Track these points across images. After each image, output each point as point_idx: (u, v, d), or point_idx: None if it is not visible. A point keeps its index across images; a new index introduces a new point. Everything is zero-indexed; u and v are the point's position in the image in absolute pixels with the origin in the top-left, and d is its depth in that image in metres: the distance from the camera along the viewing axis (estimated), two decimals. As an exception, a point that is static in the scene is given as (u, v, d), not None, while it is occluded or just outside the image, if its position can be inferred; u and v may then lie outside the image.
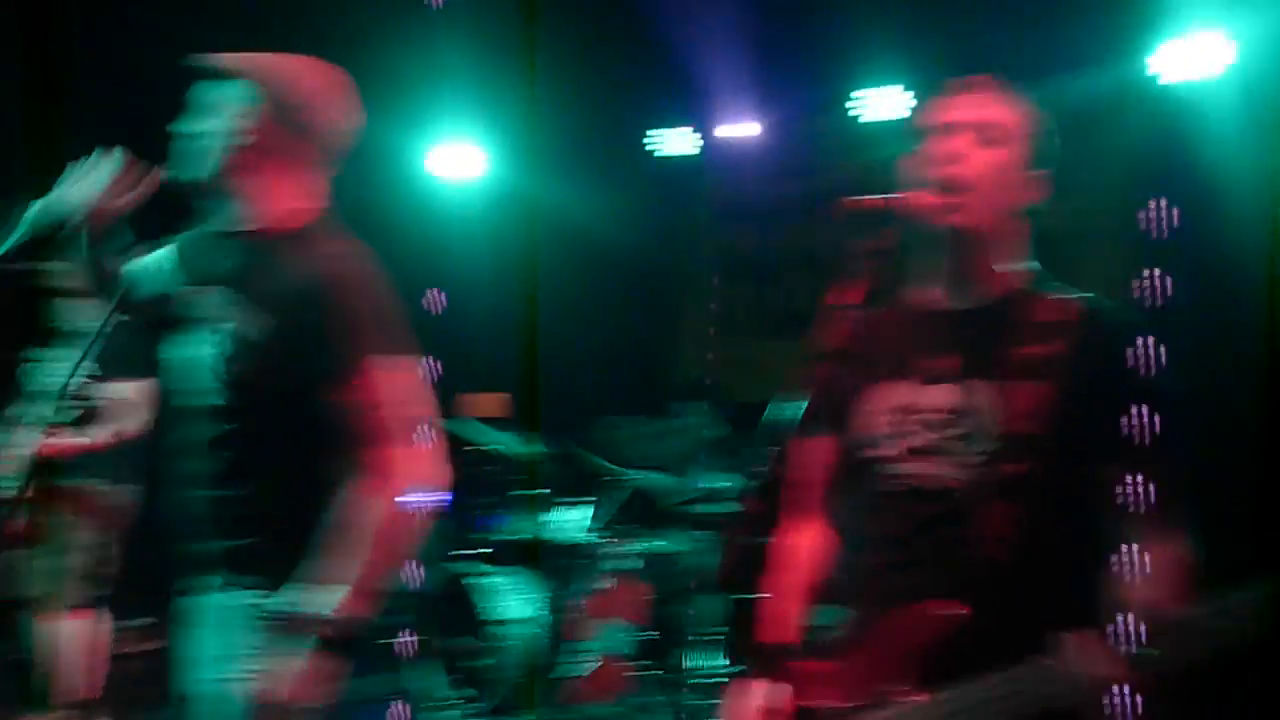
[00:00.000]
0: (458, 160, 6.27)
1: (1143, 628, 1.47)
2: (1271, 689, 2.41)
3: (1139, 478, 1.61)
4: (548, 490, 5.12)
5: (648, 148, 6.18)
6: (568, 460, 5.30)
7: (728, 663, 4.50)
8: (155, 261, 2.19)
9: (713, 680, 4.44)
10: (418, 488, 2.00)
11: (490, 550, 5.20)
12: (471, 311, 6.09)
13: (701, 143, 6.09)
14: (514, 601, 4.84)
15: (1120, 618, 1.50)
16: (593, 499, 5.15)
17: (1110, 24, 4.61)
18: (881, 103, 5.16)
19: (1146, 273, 4.19)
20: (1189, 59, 4.56)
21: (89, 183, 2.03)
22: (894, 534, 1.73)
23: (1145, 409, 1.62)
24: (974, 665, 1.55)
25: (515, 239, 6.14)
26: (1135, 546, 1.60)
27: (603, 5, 5.55)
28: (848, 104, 5.22)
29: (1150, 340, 1.69)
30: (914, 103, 5.11)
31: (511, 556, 5.19)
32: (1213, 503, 1.72)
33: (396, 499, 1.95)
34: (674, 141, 6.17)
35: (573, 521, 5.05)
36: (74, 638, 3.42)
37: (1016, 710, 1.51)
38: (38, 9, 4.17)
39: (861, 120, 5.20)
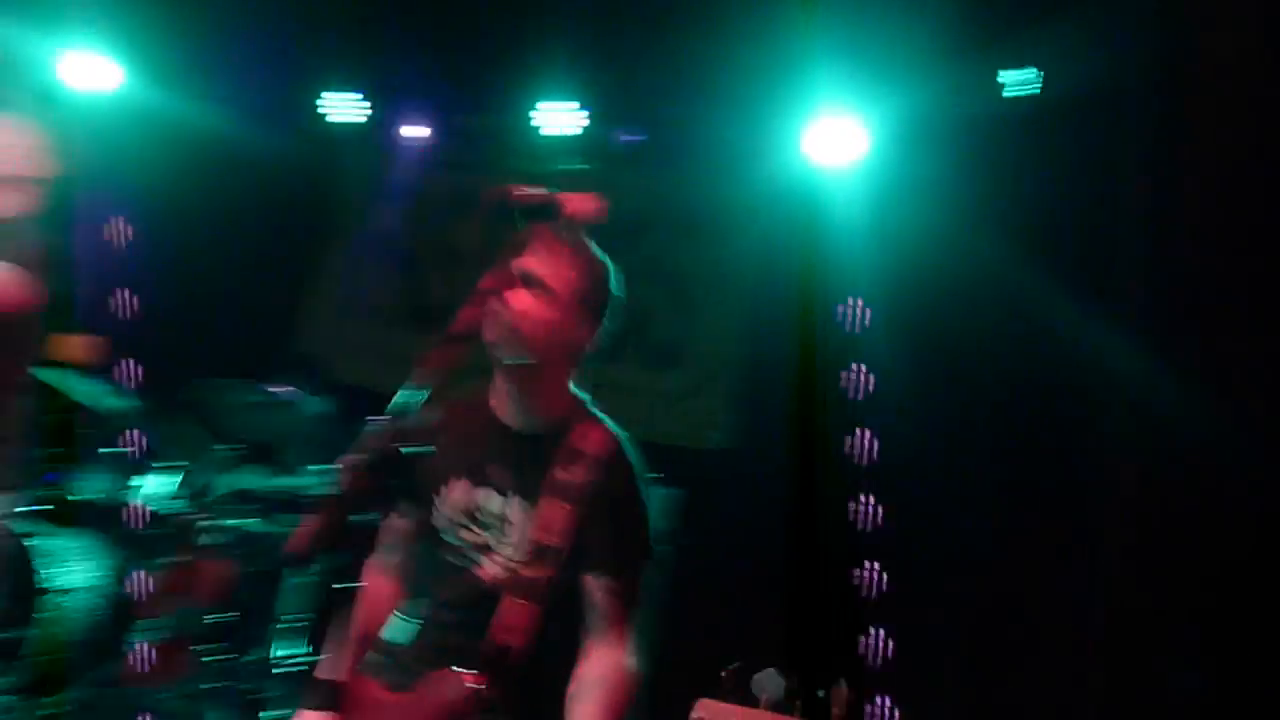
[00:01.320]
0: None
1: None
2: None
3: (617, 582, 2.01)
4: (134, 450, 4.72)
5: (320, 110, 5.91)
6: (163, 419, 4.93)
7: (308, 650, 4.37)
8: None
9: (288, 668, 4.29)
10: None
11: (57, 509, 4.69)
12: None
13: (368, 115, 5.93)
14: (76, 568, 4.39)
15: None
16: (183, 465, 4.81)
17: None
18: (560, 118, 5.30)
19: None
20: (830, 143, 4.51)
21: None
22: (437, 611, 2.09)
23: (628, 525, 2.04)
24: None
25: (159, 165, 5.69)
26: (591, 651, 2.01)
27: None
28: (529, 114, 5.30)
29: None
30: (587, 121, 5.30)
31: (84, 519, 4.72)
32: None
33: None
34: (347, 110, 5.95)
35: (159, 488, 4.69)
36: None
37: None
38: None
39: (541, 132, 5.31)
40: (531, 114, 5.32)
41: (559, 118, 5.33)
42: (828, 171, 4.62)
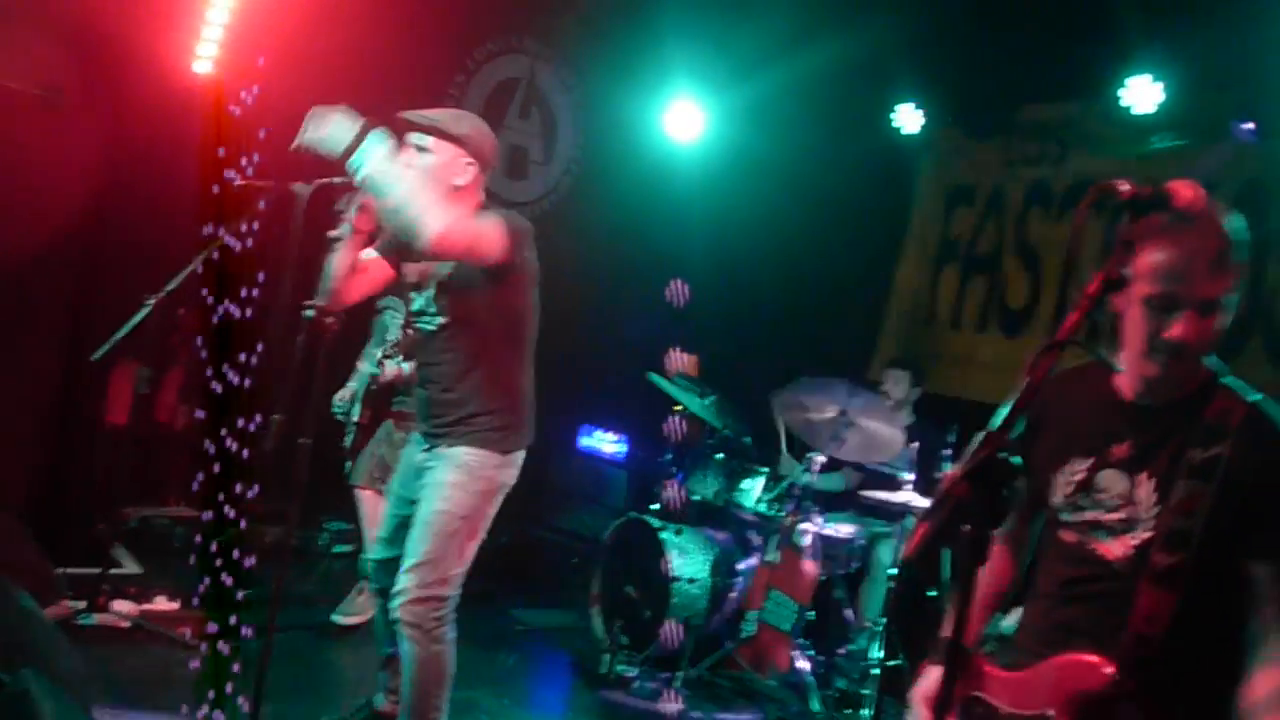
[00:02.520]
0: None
1: None
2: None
3: None
4: (739, 457, 5.16)
5: (894, 123, 6.03)
6: (762, 429, 5.33)
7: (885, 654, 4.44)
8: None
9: (869, 669, 4.39)
10: None
11: (681, 507, 5.31)
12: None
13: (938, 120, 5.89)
14: (698, 559, 4.92)
15: None
16: (781, 471, 5.16)
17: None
18: (1145, 94, 4.89)
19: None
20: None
21: None
22: (1058, 589, 2.00)
23: None
24: None
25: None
26: (1269, 652, 1.75)
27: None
28: (1117, 93, 4.96)
29: None
30: (1163, 96, 4.84)
31: (693, 517, 5.29)
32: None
33: None
34: (917, 120, 5.99)
35: (761, 491, 5.07)
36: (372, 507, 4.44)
37: None
38: None
39: (1132, 111, 4.95)
40: (1120, 92, 4.93)
41: (1145, 92, 4.87)
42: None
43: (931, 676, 2.06)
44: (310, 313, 2.82)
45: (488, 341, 3.06)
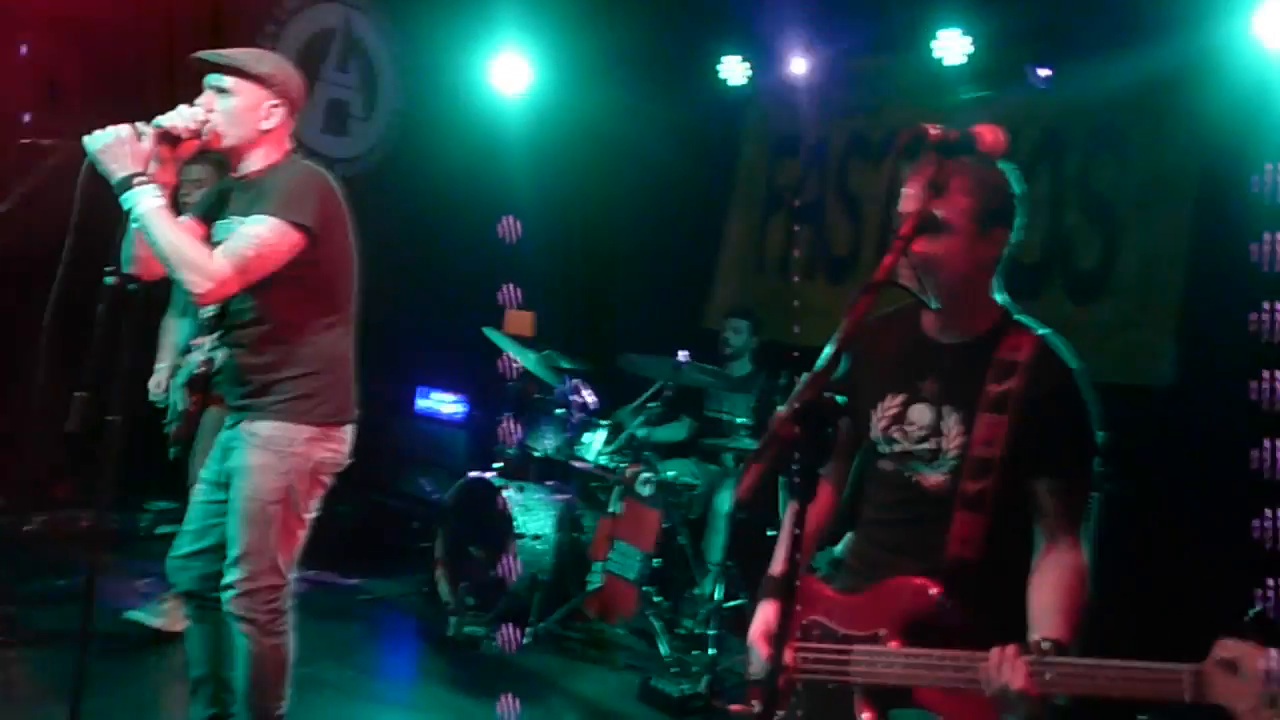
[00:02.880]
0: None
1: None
2: None
3: (1067, 484, 1.96)
4: (576, 411, 5.18)
5: (720, 74, 6.08)
6: (599, 382, 5.36)
7: (726, 595, 4.58)
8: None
9: (717, 610, 4.53)
10: None
11: (522, 465, 5.29)
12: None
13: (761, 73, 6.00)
14: (541, 516, 4.93)
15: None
16: (619, 422, 5.21)
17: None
18: (954, 46, 5.12)
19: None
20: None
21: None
22: (879, 513, 2.15)
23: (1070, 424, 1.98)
24: (940, 637, 1.91)
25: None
26: (1046, 556, 1.95)
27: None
28: (929, 46, 5.15)
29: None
30: (972, 48, 5.06)
31: (536, 472, 5.29)
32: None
33: None
34: (740, 71, 6.07)
35: (600, 444, 5.11)
36: None
37: (943, 682, 1.87)
38: None
39: (944, 62, 5.15)
40: (932, 44, 5.13)
41: (954, 45, 5.10)
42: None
43: (766, 613, 2.15)
44: (110, 279, 2.62)
45: (295, 304, 2.87)
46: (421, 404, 6.67)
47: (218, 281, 2.68)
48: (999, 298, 2.09)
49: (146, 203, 2.64)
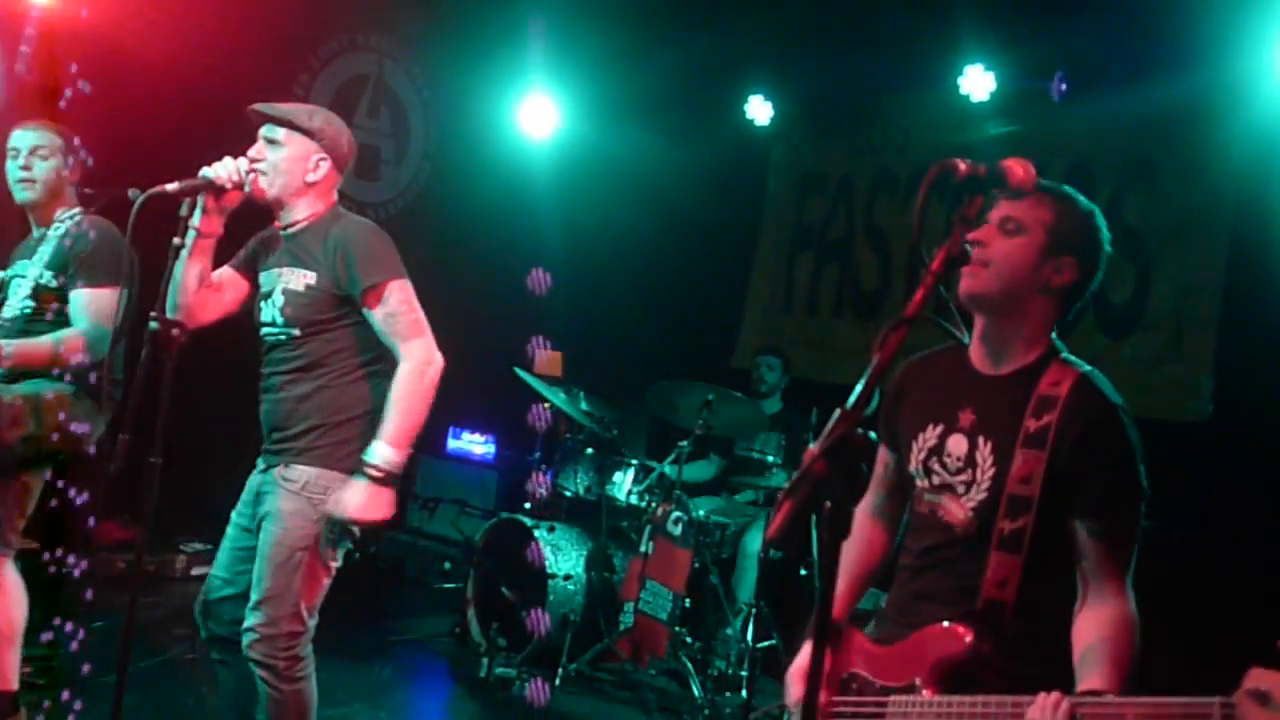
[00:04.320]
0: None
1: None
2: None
3: (1109, 527, 1.89)
4: (604, 450, 5.17)
5: (748, 115, 6.13)
6: (628, 421, 5.35)
7: (757, 636, 4.53)
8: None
9: (749, 651, 4.48)
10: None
11: (553, 505, 5.28)
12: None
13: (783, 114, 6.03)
14: (572, 555, 4.91)
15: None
16: (649, 461, 5.20)
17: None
18: (979, 82, 5.17)
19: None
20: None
21: None
22: (913, 559, 2.09)
23: (1112, 465, 1.91)
24: (975, 684, 1.85)
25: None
26: (1090, 603, 1.89)
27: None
28: (956, 82, 5.22)
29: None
30: (994, 85, 5.10)
31: (566, 512, 5.28)
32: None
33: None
34: (764, 111, 6.10)
35: (625, 483, 5.10)
36: None
37: None
38: None
39: (971, 99, 5.21)
40: (959, 80, 5.16)
41: (980, 81, 5.13)
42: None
43: (805, 653, 2.10)
44: (154, 324, 2.66)
45: (339, 351, 2.91)
46: (453, 444, 6.69)
47: (434, 355, 2.91)
48: (1054, 338, 2.04)
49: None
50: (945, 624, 1.92)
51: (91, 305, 3.23)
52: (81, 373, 3.22)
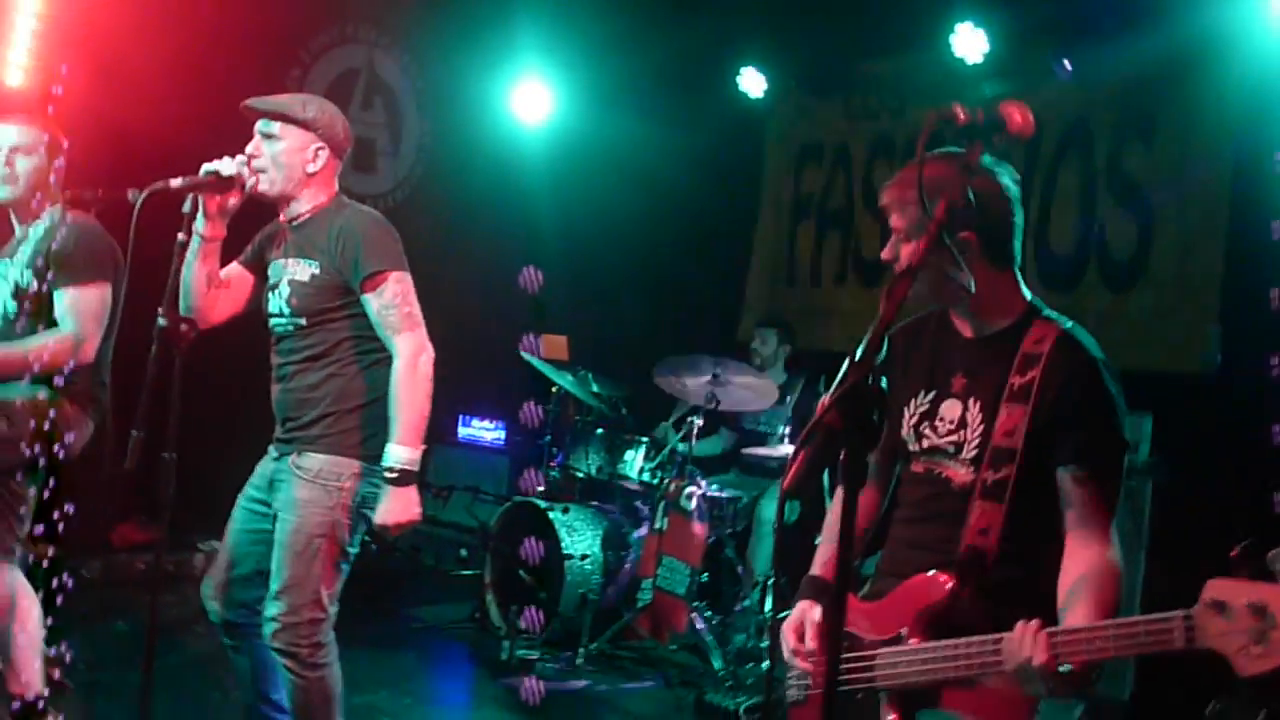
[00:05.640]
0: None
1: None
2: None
3: (1092, 475, 1.92)
4: (616, 429, 5.19)
5: (740, 87, 6.11)
6: (638, 399, 5.37)
7: (775, 607, 4.54)
8: None
9: (764, 623, 4.49)
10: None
11: (566, 485, 5.30)
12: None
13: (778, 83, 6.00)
14: (587, 535, 4.93)
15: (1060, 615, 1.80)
16: (645, 439, 5.19)
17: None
18: (972, 43, 5.13)
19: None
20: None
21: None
22: (907, 513, 2.14)
23: (1094, 414, 1.94)
24: (960, 630, 1.89)
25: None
26: (1074, 548, 1.91)
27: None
28: (948, 43, 5.18)
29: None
30: (988, 46, 5.09)
31: (579, 493, 5.29)
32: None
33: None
34: (759, 83, 6.07)
35: (636, 461, 5.11)
36: None
37: (964, 670, 1.85)
38: None
39: (966, 61, 5.18)
40: (951, 40, 5.13)
41: (972, 41, 5.10)
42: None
43: (798, 610, 2.18)
44: (162, 321, 2.66)
45: (349, 339, 2.93)
46: (464, 432, 6.71)
47: (424, 347, 2.91)
48: (1027, 293, 2.09)
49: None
50: (929, 574, 1.97)
51: (76, 305, 3.18)
52: (67, 375, 3.17)
